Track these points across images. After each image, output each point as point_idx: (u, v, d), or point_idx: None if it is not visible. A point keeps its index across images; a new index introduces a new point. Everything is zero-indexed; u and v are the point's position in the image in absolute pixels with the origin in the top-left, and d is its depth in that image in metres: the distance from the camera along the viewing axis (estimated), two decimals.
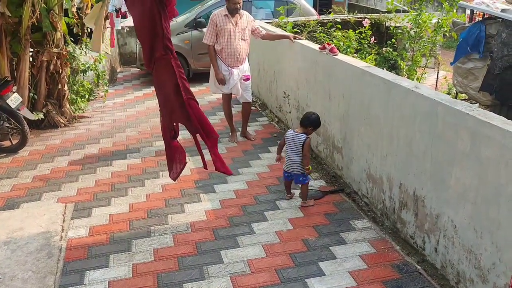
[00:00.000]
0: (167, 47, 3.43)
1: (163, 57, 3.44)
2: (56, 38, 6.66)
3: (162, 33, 3.38)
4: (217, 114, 7.33)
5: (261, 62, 7.48)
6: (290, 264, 3.50)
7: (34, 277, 3.41)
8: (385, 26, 8.43)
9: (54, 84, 6.83)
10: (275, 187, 4.77)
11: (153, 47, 3.46)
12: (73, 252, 3.72)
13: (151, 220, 4.20)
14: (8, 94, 5.68)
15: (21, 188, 4.90)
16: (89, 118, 7.35)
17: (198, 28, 9.22)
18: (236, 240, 3.84)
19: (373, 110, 4.01)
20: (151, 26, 3.39)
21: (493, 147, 2.70)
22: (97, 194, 4.71)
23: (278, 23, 7.78)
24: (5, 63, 6.18)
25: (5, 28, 6.14)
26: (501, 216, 2.68)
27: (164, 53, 3.43)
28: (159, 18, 3.36)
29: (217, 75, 5.74)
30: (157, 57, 3.47)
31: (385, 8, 11.73)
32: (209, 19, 5.72)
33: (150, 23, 3.39)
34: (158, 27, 3.38)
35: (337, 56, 4.79)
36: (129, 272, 3.46)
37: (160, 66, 3.50)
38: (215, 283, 3.32)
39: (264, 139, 6.18)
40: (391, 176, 3.83)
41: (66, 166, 5.45)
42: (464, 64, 6.74)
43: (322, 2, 15.99)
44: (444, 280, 3.22)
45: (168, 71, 3.47)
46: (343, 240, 3.80)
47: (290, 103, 6.05)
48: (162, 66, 3.49)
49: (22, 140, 5.86)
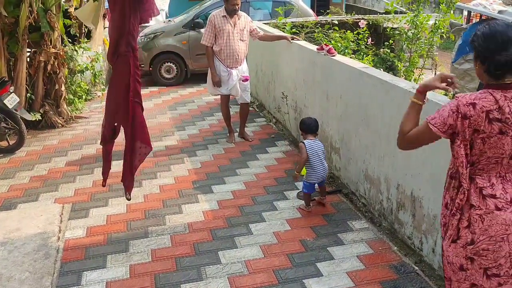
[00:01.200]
0: (129, 44, 3.44)
1: (125, 54, 3.45)
2: (54, 39, 6.65)
3: (128, 29, 3.39)
4: (215, 114, 7.33)
5: (259, 63, 7.49)
6: (288, 265, 3.50)
7: (31, 277, 3.39)
8: (382, 27, 8.44)
9: (52, 84, 6.82)
10: (273, 187, 4.77)
11: (118, 42, 3.46)
12: (70, 252, 3.72)
13: (148, 220, 4.19)
14: (5, 95, 5.67)
15: (18, 188, 4.89)
16: (86, 118, 7.34)
17: (196, 29, 9.22)
18: (234, 241, 3.84)
19: (370, 111, 4.01)
20: (120, 20, 3.40)
21: None
22: (95, 195, 4.70)
23: (276, 23, 7.78)
24: (2, 63, 6.17)
25: (2, 28, 6.13)
26: None
27: (126, 50, 3.44)
28: (129, 14, 3.37)
29: (214, 78, 5.75)
30: (120, 52, 3.47)
31: (383, 9, 11.76)
32: (208, 20, 5.72)
33: (120, 18, 3.40)
34: (126, 23, 3.39)
35: (335, 57, 4.80)
36: (126, 273, 3.45)
37: (120, 62, 3.51)
38: (213, 283, 3.31)
39: (262, 139, 6.18)
40: (389, 177, 3.83)
41: (63, 167, 5.44)
42: (461, 65, 6.77)
43: (320, 3, 16.00)
44: (442, 281, 3.23)
45: (125, 69, 3.48)
46: (341, 241, 3.80)
47: (288, 103, 6.05)
48: (122, 63, 3.49)
49: (19, 141, 5.84)
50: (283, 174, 5.08)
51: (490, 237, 2.05)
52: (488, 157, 2.04)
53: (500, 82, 2.00)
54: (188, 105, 8.04)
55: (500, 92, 1.99)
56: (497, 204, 2.05)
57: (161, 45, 9.29)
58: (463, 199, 2.09)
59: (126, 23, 3.39)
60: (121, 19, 3.40)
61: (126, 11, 3.37)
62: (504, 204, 2.05)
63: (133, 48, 3.46)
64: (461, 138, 2.02)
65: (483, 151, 2.04)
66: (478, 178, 2.09)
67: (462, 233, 2.10)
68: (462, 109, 2.00)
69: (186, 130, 6.70)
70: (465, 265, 2.11)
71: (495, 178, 2.08)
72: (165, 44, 9.31)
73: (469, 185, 2.08)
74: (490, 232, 2.05)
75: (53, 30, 6.56)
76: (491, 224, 2.04)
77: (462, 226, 2.10)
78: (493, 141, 2.01)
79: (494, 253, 2.05)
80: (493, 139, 2.00)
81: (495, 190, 2.06)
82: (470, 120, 1.99)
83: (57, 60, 6.72)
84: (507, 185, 2.07)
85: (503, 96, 1.99)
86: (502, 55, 1.96)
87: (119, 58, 3.49)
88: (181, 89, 9.18)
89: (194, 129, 6.74)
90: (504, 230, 2.03)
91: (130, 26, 3.40)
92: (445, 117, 2.03)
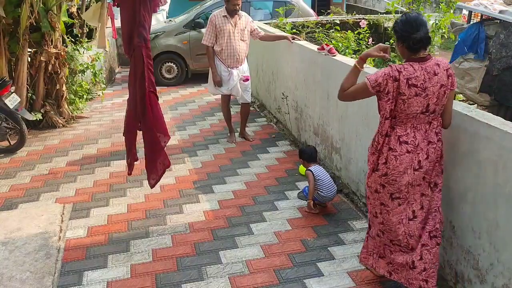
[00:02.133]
0: (141, 35, 3.47)
1: (138, 45, 3.49)
2: (55, 38, 6.66)
3: (139, 21, 3.43)
4: (216, 114, 7.34)
5: (259, 63, 7.49)
6: (289, 265, 3.50)
7: (32, 277, 3.40)
8: (383, 27, 8.43)
9: (52, 84, 6.82)
10: (274, 187, 4.77)
11: (131, 34, 3.51)
12: (71, 252, 3.72)
13: (149, 220, 4.20)
14: (6, 95, 5.67)
15: (19, 188, 4.89)
16: (87, 118, 7.35)
17: (196, 29, 9.22)
18: (234, 241, 3.84)
19: (371, 111, 4.00)
20: (131, 13, 3.45)
21: (491, 148, 2.71)
22: (96, 195, 4.71)
23: (277, 23, 7.78)
24: (3, 63, 6.17)
25: (3, 28, 6.13)
26: (499, 217, 2.69)
27: (139, 41, 3.48)
28: (139, 6, 3.40)
29: (215, 78, 5.75)
30: (134, 44, 3.52)
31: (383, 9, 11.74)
32: (208, 20, 5.73)
33: (131, 10, 3.45)
34: (137, 14, 3.43)
35: (336, 57, 4.80)
36: (127, 273, 3.45)
37: (135, 55, 3.55)
38: (214, 283, 3.32)
39: (263, 139, 6.18)
40: None
41: (64, 167, 5.45)
42: (461, 65, 6.76)
43: (320, 3, 15.99)
44: (443, 281, 3.23)
45: (139, 60, 3.53)
46: (342, 241, 3.80)
47: (289, 104, 6.05)
48: (136, 55, 3.54)
49: (20, 141, 5.85)
50: (284, 174, 5.08)
51: (398, 172, 2.80)
52: (407, 113, 2.72)
53: (417, 56, 2.71)
54: (188, 105, 8.05)
55: (417, 64, 2.69)
56: (408, 148, 2.78)
57: (162, 45, 9.29)
58: (380, 142, 2.84)
59: (137, 15, 3.43)
60: (131, 12, 3.45)
61: (136, 5, 3.41)
62: (412, 148, 2.77)
63: (145, 39, 3.50)
64: (390, 97, 2.71)
65: (403, 109, 2.71)
66: (398, 128, 2.79)
67: (380, 167, 2.86)
68: (393, 73, 2.67)
69: (187, 130, 6.70)
70: (378, 189, 2.91)
71: (410, 129, 2.77)
72: (166, 44, 9.31)
73: (391, 133, 2.79)
74: (399, 168, 2.80)
75: (54, 30, 6.56)
76: (401, 162, 2.79)
77: (380, 162, 2.86)
78: (410, 102, 2.69)
79: (398, 183, 2.82)
80: (410, 100, 2.68)
81: (408, 137, 2.77)
82: (399, 83, 2.65)
83: (58, 60, 6.72)
84: (417, 133, 2.77)
85: (420, 67, 2.68)
86: (417, 34, 2.67)
87: (135, 51, 3.53)
88: (182, 89, 9.19)
89: (195, 129, 6.74)
90: (407, 166, 2.79)
91: (141, 17, 3.44)
92: (378, 77, 2.72)
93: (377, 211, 2.98)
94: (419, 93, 2.67)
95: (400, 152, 2.77)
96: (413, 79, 2.65)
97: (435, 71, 2.68)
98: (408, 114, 2.72)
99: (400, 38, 2.74)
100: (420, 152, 2.78)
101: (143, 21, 3.45)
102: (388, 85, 2.68)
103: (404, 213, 2.89)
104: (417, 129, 2.77)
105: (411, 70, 2.66)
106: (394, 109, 2.74)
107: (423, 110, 2.71)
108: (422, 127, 2.77)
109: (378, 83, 2.71)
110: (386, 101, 2.73)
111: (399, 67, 2.68)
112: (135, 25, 3.47)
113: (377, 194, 2.94)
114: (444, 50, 11.45)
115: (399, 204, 2.88)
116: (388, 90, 2.69)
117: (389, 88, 2.68)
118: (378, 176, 2.88)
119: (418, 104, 2.69)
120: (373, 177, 2.92)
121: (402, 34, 2.72)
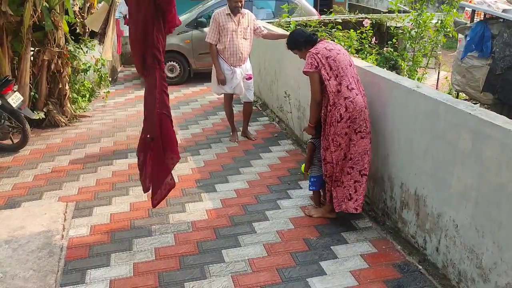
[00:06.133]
0: (155, 56, 3.47)
1: (151, 66, 3.50)
2: (58, 37, 6.66)
3: (152, 42, 3.43)
4: (218, 114, 7.34)
5: (262, 62, 7.48)
6: (291, 264, 3.50)
7: (35, 275, 3.41)
8: (386, 26, 8.43)
9: (55, 83, 6.83)
10: (276, 186, 4.77)
11: (144, 55, 3.53)
12: (74, 251, 3.73)
13: (152, 219, 4.20)
14: (9, 93, 5.68)
15: (22, 187, 4.90)
16: (90, 117, 7.36)
17: (199, 28, 9.21)
18: (237, 239, 3.84)
19: (374, 109, 4.00)
20: (144, 34, 3.45)
21: (494, 146, 2.70)
22: (98, 193, 4.71)
23: (279, 22, 7.78)
24: (6, 62, 6.18)
25: (6, 27, 6.13)
26: (502, 216, 2.68)
27: (152, 62, 3.48)
28: (152, 27, 3.39)
29: (219, 76, 5.73)
30: (148, 64, 3.53)
31: (386, 8, 11.73)
32: (212, 18, 5.72)
33: (142, 31, 3.45)
34: (149, 35, 3.42)
35: None
36: (130, 271, 3.46)
37: (149, 77, 3.57)
38: (216, 282, 3.32)
39: (265, 138, 6.18)
40: (392, 175, 3.83)
41: (67, 165, 5.46)
42: (463, 63, 6.75)
43: (323, 2, 15.97)
44: (446, 280, 3.23)
45: (152, 82, 3.54)
46: (344, 240, 3.80)
47: (291, 102, 6.05)
48: (150, 75, 3.55)
49: (23, 139, 5.86)
50: (287, 173, 5.08)
51: (357, 111, 3.64)
52: (340, 70, 3.69)
53: (313, 45, 3.89)
54: (191, 104, 8.05)
55: (320, 45, 3.85)
56: (356, 92, 3.68)
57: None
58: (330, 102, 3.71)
59: (149, 36, 3.42)
60: (142, 32, 3.44)
61: (148, 25, 3.40)
62: (358, 92, 3.70)
63: (159, 61, 3.49)
64: (326, 69, 3.70)
65: (332, 71, 3.70)
66: (344, 81, 3.68)
67: (343, 115, 3.64)
68: (322, 52, 3.75)
69: (190, 129, 6.71)
70: (346, 130, 3.68)
71: (351, 79, 3.71)
72: (168, 43, 9.20)
73: (340, 88, 3.67)
74: (357, 108, 3.64)
75: (57, 29, 6.57)
76: (356, 104, 3.64)
77: (342, 111, 3.64)
78: (336, 65, 3.70)
79: (358, 119, 3.66)
80: (335, 65, 3.70)
81: (352, 85, 3.69)
82: (327, 60, 3.71)
83: (61, 59, 6.73)
84: (354, 80, 3.73)
85: (323, 48, 3.79)
86: (302, 37, 4.00)
87: (148, 71, 3.55)
88: (184, 88, 9.19)
89: (197, 128, 6.74)
90: (361, 105, 3.66)
91: (154, 39, 3.43)
92: (310, 62, 3.75)
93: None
94: (335, 59, 3.76)
95: (353, 98, 3.68)
96: (329, 56, 3.76)
97: (326, 47, 3.83)
98: (341, 70, 3.74)
99: (297, 45, 4.05)
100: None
101: (156, 43, 3.44)
102: (322, 61, 3.73)
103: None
104: (354, 78, 3.79)
105: (323, 51, 3.76)
106: (332, 74, 3.75)
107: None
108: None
109: (312, 64, 3.74)
110: (323, 73, 3.72)
111: (317, 49, 3.77)
112: (148, 45, 3.45)
113: (346, 136, 3.73)
114: (447, 49, 11.42)
115: (362, 137, 3.74)
116: (323, 64, 3.73)
117: (324, 62, 3.73)
118: (344, 122, 3.69)
119: (341, 62, 3.76)
120: (340, 124, 3.71)
121: (296, 42, 4.07)
